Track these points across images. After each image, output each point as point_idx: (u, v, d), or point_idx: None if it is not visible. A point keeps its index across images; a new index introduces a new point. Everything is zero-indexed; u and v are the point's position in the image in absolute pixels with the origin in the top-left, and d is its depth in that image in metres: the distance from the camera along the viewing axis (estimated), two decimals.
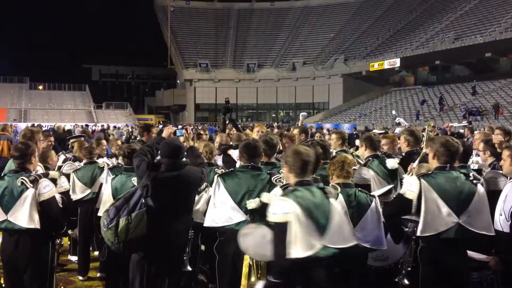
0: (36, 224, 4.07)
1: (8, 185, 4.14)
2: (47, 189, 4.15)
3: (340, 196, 3.51)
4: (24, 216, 4.06)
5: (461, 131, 13.26)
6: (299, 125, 9.20)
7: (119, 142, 8.13)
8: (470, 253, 3.91)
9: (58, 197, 4.45)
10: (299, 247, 3.11)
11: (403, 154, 5.52)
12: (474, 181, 3.70)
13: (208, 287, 5.03)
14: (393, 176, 5.01)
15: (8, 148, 9.22)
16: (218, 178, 4.25)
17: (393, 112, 29.81)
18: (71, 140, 7.95)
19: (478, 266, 3.93)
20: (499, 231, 3.90)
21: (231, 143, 6.89)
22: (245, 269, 4.07)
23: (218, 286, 4.33)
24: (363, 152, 5.27)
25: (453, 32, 45.61)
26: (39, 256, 4.21)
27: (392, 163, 5.02)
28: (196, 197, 4.60)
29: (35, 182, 4.11)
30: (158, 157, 4.31)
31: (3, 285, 5.23)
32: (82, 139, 8.33)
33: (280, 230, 3.14)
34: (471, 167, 5.07)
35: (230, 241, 4.04)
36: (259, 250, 3.39)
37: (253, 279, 3.96)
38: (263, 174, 4.21)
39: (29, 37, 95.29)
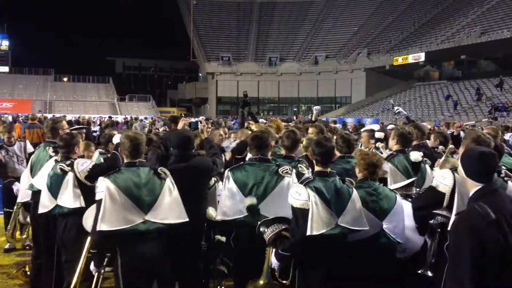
0: (81, 202, 4.37)
1: (53, 173, 4.50)
2: (85, 165, 4.43)
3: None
4: (69, 197, 4.39)
5: None
6: (312, 119, 9.18)
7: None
8: None
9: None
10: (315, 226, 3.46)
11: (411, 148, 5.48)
12: (506, 178, 3.64)
13: (227, 278, 5.04)
14: (416, 170, 4.96)
15: (42, 134, 11.41)
16: (228, 171, 4.25)
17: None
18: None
19: None
20: None
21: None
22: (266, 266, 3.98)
23: (234, 276, 4.36)
24: (392, 146, 5.25)
25: (480, 27, 44.65)
26: (81, 237, 4.34)
27: (416, 155, 4.99)
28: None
29: (71, 165, 4.43)
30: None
31: (28, 273, 5.35)
32: (84, 131, 7.65)
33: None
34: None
35: (244, 232, 4.08)
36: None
37: (261, 282, 3.80)
38: (271, 166, 4.18)
39: (55, 29, 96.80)
